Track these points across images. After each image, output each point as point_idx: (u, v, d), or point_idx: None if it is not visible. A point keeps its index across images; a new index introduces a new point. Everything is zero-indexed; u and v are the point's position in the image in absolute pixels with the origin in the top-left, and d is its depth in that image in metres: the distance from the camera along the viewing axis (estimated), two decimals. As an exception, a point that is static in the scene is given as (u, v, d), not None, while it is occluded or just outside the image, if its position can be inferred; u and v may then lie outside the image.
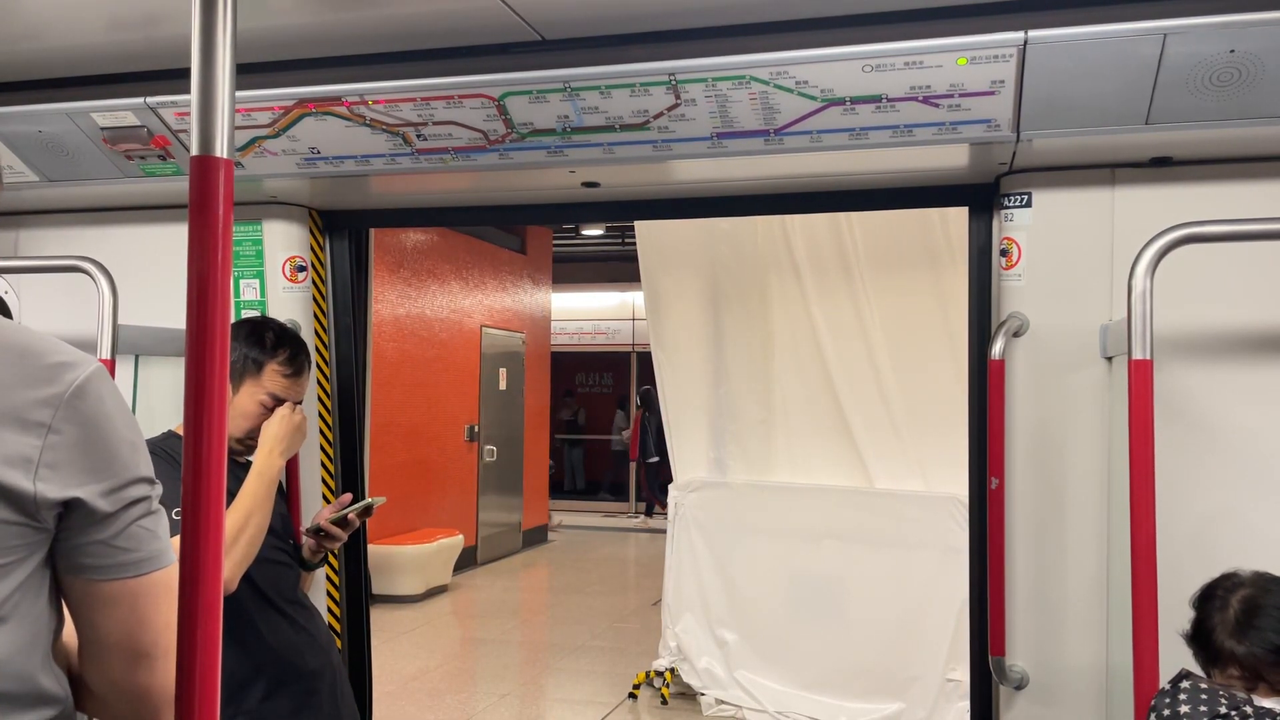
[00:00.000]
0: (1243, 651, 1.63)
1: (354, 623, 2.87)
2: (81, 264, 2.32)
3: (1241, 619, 1.66)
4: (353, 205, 2.79)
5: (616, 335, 15.05)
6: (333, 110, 2.20)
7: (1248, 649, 1.63)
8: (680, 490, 5.45)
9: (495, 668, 6.80)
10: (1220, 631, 1.67)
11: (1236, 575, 1.74)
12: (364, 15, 2.01)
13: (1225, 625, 1.67)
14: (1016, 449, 2.25)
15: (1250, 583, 1.71)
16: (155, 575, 1.12)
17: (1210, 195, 2.12)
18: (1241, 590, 1.70)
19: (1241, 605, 1.67)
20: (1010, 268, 2.27)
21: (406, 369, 8.89)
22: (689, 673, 5.35)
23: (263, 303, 2.71)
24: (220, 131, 0.97)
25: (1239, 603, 1.68)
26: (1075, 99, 1.91)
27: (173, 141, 2.36)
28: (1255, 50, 1.77)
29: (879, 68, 1.91)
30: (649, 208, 2.73)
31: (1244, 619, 1.65)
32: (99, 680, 1.15)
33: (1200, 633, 1.72)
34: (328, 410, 2.80)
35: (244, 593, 2.07)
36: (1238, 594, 1.70)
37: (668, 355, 5.59)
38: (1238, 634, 1.65)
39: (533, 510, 11.69)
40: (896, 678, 4.75)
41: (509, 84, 2.07)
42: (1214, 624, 1.69)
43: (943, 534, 4.58)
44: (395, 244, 8.73)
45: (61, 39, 2.17)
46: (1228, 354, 2.09)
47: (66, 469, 1.05)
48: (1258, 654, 1.62)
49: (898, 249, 4.89)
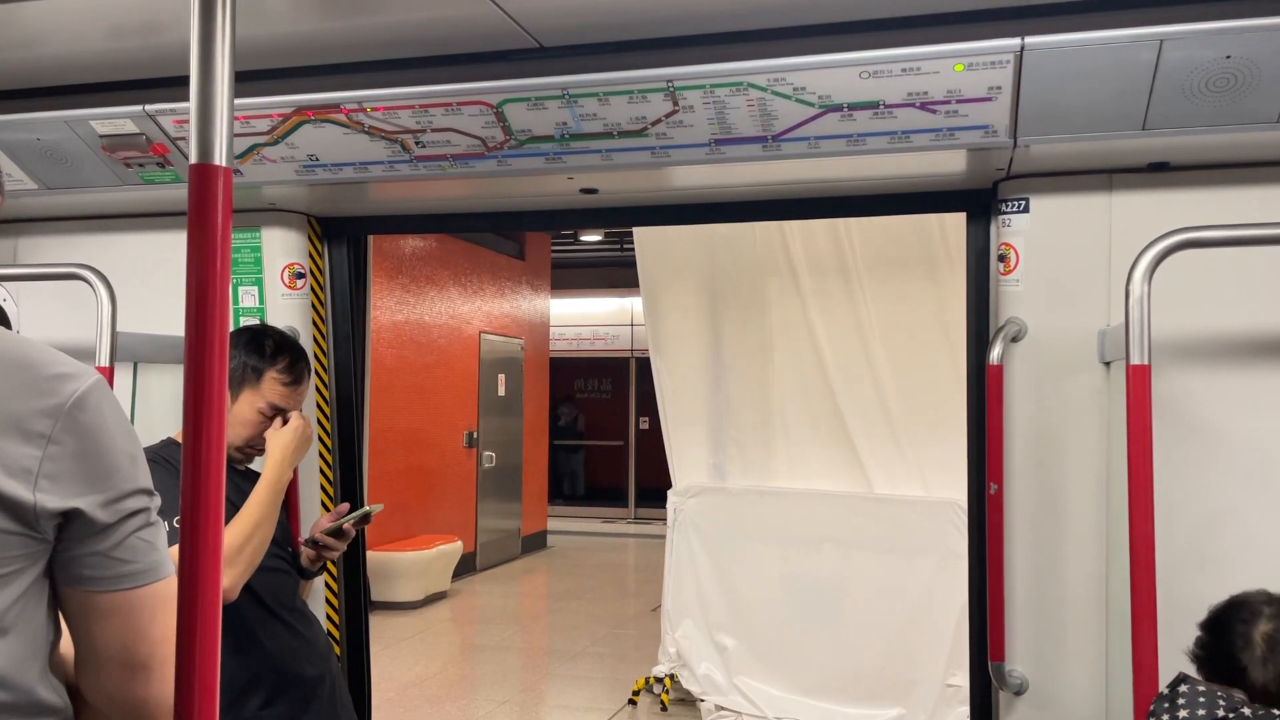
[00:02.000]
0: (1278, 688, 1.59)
1: (353, 629, 2.86)
2: (80, 272, 2.32)
3: (1268, 655, 1.60)
4: (351, 212, 2.80)
5: (615, 341, 15.05)
6: (331, 117, 2.20)
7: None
8: (679, 496, 5.45)
9: (495, 674, 6.79)
10: (1254, 669, 1.61)
11: (1250, 604, 1.68)
12: (362, 23, 2.02)
13: (1255, 663, 1.61)
14: (1015, 454, 2.25)
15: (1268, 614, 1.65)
16: (153, 587, 1.12)
17: (1207, 200, 2.12)
18: (1262, 624, 1.64)
19: (1266, 642, 1.62)
20: (1008, 273, 2.27)
21: (405, 375, 8.89)
22: (688, 678, 5.34)
23: (261, 310, 2.71)
24: (219, 139, 0.97)
25: (1263, 639, 1.62)
26: (1072, 105, 1.91)
27: (171, 149, 2.36)
28: (1251, 55, 1.77)
29: (876, 74, 1.91)
30: (647, 214, 2.73)
31: (1270, 655, 1.60)
32: (96, 692, 1.14)
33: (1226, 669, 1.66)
34: (326, 417, 2.80)
35: (243, 600, 2.07)
36: (1259, 629, 1.64)
37: (666, 361, 5.58)
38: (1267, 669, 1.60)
39: (532, 516, 11.68)
40: (896, 683, 4.75)
41: (507, 91, 2.07)
42: (1243, 662, 1.63)
43: (942, 539, 4.58)
44: (394, 250, 8.73)
45: (60, 47, 2.17)
46: (1226, 359, 2.09)
47: (66, 480, 1.06)
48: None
49: (896, 254, 4.89)
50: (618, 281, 13.80)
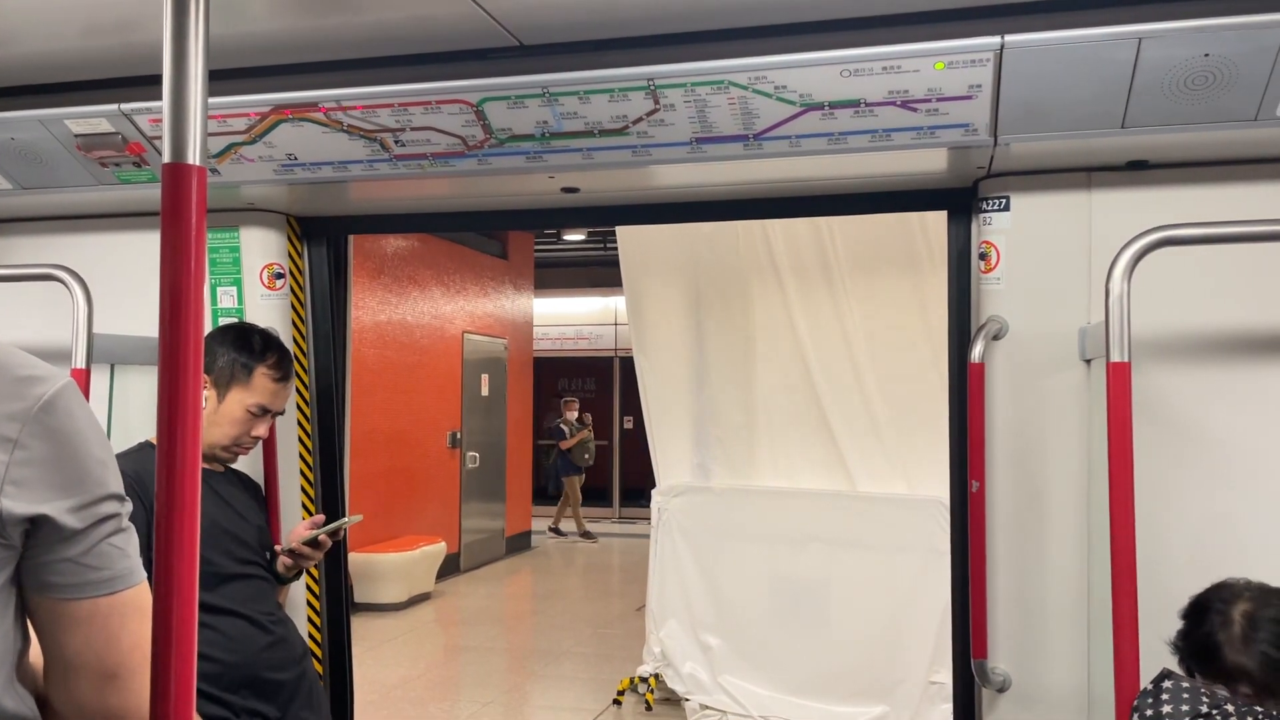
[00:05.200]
0: (1255, 667, 1.59)
1: (335, 631, 2.84)
2: (55, 272, 2.30)
3: (1248, 633, 1.61)
4: (331, 212, 2.78)
5: (599, 340, 15.04)
6: (310, 116, 2.18)
7: (1260, 664, 1.59)
8: (663, 495, 5.45)
9: (479, 675, 6.77)
10: (1229, 648, 1.62)
11: (1231, 587, 1.69)
12: (340, 21, 2.00)
13: (1232, 642, 1.62)
14: (997, 452, 2.26)
15: (1248, 595, 1.66)
16: (125, 594, 1.10)
17: (1186, 198, 2.13)
18: (1241, 604, 1.65)
19: (1245, 620, 1.62)
20: (989, 271, 2.27)
21: (388, 376, 8.85)
22: (673, 678, 5.34)
23: (240, 310, 2.68)
24: (192, 138, 0.96)
25: (1242, 618, 1.63)
26: (1052, 103, 1.91)
27: (147, 148, 2.34)
28: (1229, 54, 1.78)
29: (857, 72, 1.91)
30: (629, 213, 2.72)
31: (1250, 633, 1.61)
32: (66, 702, 1.12)
33: (1203, 649, 1.67)
34: (307, 419, 2.78)
35: (218, 604, 2.05)
36: (1238, 608, 1.64)
37: (650, 360, 5.58)
38: (1247, 650, 1.61)
39: (516, 517, 11.65)
40: (880, 681, 4.76)
41: (487, 89, 2.06)
42: (1219, 640, 1.64)
43: (926, 537, 4.59)
44: (375, 250, 8.70)
45: (34, 45, 2.15)
46: (1205, 356, 2.10)
47: (34, 485, 1.03)
48: (1270, 669, 1.59)
49: (878, 253, 4.90)
50: (601, 281, 13.79)
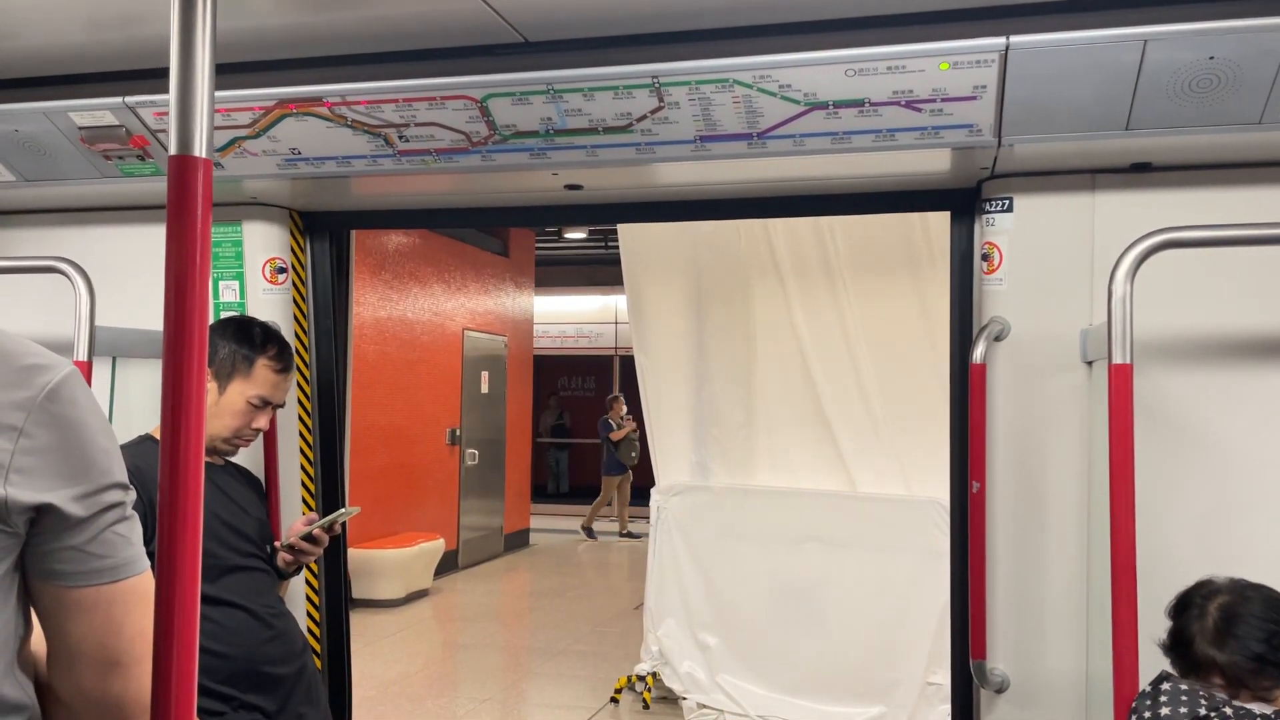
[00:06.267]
0: (1224, 659, 1.63)
1: (334, 627, 2.85)
2: (58, 265, 2.30)
3: (1221, 627, 1.65)
4: (334, 206, 2.78)
5: (599, 339, 15.03)
6: (314, 111, 2.18)
7: (1229, 657, 1.63)
8: (662, 494, 5.45)
9: (476, 672, 6.77)
10: (1200, 640, 1.66)
11: (1212, 583, 1.74)
12: (345, 16, 2.00)
13: (1205, 634, 1.66)
14: (997, 453, 2.26)
15: (1227, 590, 1.70)
16: (129, 582, 1.10)
17: (1190, 201, 2.13)
18: (1219, 598, 1.69)
19: (1220, 613, 1.67)
20: (991, 272, 2.27)
21: (388, 372, 8.85)
22: (671, 677, 5.34)
23: (242, 304, 2.69)
24: (199, 131, 0.96)
25: (1217, 610, 1.67)
26: (1056, 104, 1.91)
27: (151, 141, 2.34)
28: (1234, 56, 1.78)
29: (862, 72, 1.91)
30: (632, 210, 2.72)
31: (1224, 627, 1.65)
32: (69, 689, 1.12)
33: (1179, 642, 1.71)
34: (308, 413, 2.78)
35: (218, 598, 2.05)
36: (1215, 602, 1.69)
37: (650, 359, 5.58)
38: (1218, 642, 1.64)
39: (514, 514, 11.65)
40: (878, 681, 4.76)
41: (492, 85, 2.06)
42: (1193, 633, 1.68)
43: (924, 537, 4.59)
44: (377, 246, 8.69)
45: (39, 38, 2.15)
46: (1207, 359, 2.10)
47: (38, 473, 1.04)
48: (1239, 662, 1.62)
49: (880, 253, 4.90)
50: (602, 279, 13.79)
